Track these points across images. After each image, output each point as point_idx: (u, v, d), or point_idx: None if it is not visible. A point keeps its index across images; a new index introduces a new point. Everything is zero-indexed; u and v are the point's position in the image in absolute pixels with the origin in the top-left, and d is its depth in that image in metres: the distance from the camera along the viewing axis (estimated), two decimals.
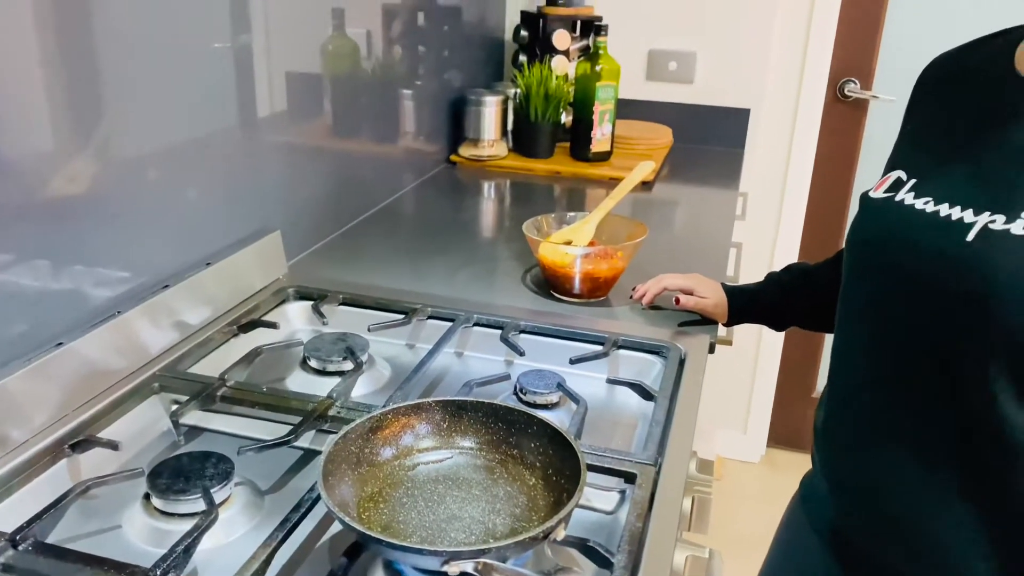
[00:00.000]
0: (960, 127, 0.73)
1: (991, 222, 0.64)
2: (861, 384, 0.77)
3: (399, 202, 1.60)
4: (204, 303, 1.02)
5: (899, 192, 0.74)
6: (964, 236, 0.65)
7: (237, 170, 1.12)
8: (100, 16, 0.85)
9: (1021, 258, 0.62)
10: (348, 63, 1.43)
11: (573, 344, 1.03)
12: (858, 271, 0.77)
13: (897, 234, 0.72)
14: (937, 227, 0.68)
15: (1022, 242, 0.62)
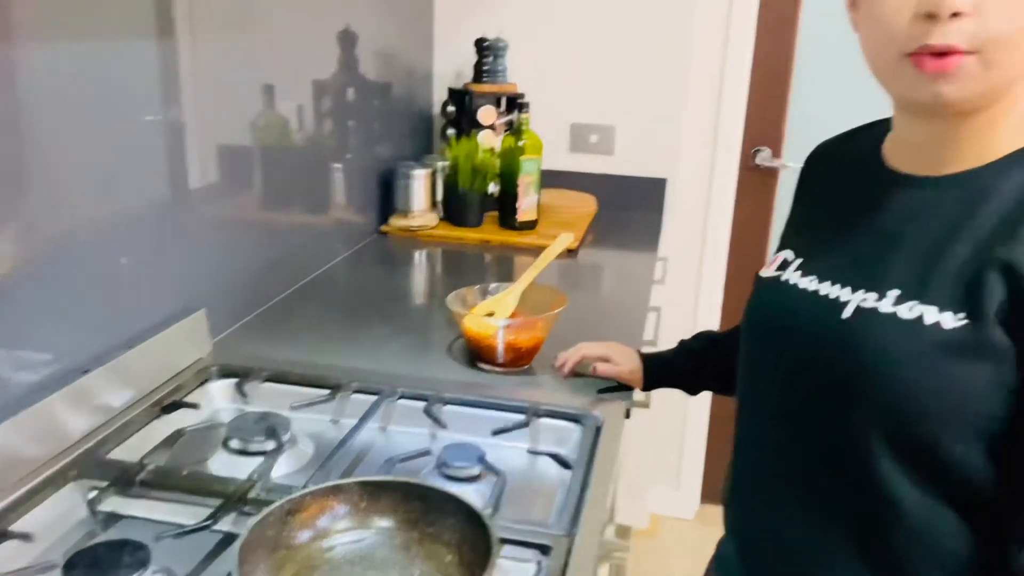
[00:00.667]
0: (839, 212, 0.79)
1: (863, 300, 0.70)
2: (759, 451, 0.82)
3: (329, 274, 1.62)
4: (126, 385, 1.02)
5: (787, 271, 0.80)
6: (840, 314, 0.71)
7: (165, 245, 1.14)
8: (27, 85, 0.86)
9: (887, 334, 0.67)
10: (278, 137, 1.46)
11: (496, 414, 1.06)
12: (752, 346, 0.83)
13: (784, 312, 0.78)
14: (818, 305, 0.74)
15: (889, 319, 0.68)
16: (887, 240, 0.72)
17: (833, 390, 0.71)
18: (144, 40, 1.05)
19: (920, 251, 0.69)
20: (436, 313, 1.44)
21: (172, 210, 1.15)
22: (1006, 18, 0.61)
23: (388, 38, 1.89)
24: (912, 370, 0.66)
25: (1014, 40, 0.62)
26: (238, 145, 1.33)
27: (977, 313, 0.64)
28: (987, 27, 0.61)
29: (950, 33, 0.62)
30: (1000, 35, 0.62)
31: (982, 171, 0.69)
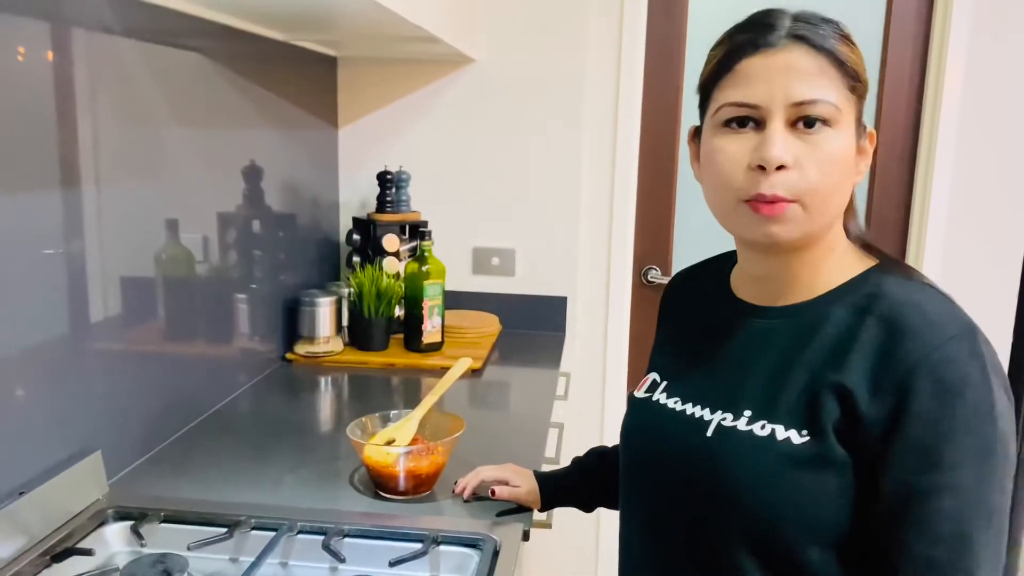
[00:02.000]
0: (696, 337, 0.89)
1: (723, 420, 0.79)
2: (638, 558, 0.88)
3: (232, 405, 1.63)
4: (16, 534, 1.00)
5: (655, 392, 0.89)
6: (704, 432, 0.79)
7: (60, 385, 1.14)
8: None
9: (744, 450, 0.76)
10: (182, 269, 1.49)
11: (395, 544, 1.08)
12: (627, 461, 0.91)
13: (655, 430, 0.86)
14: (684, 424, 0.82)
15: (746, 436, 0.76)
16: (738, 364, 0.82)
17: (700, 501, 0.79)
18: (47, 185, 1.09)
19: (766, 375, 0.78)
20: (340, 441, 1.46)
21: (69, 346, 1.15)
22: (820, 172, 0.73)
23: (293, 171, 1.97)
24: (768, 480, 0.74)
25: (827, 191, 0.74)
26: (141, 277, 1.35)
27: (817, 430, 0.73)
28: (805, 179, 0.73)
29: (776, 184, 0.73)
30: (816, 186, 0.74)
31: (812, 303, 0.80)
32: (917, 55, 2.23)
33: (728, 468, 0.76)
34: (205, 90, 1.53)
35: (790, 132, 0.74)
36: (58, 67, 1.10)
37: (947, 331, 0.71)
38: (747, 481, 0.75)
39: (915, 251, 2.30)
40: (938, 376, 0.69)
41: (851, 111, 0.75)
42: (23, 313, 1.06)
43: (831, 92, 0.73)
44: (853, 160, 0.76)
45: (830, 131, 0.74)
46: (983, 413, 0.69)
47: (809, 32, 0.74)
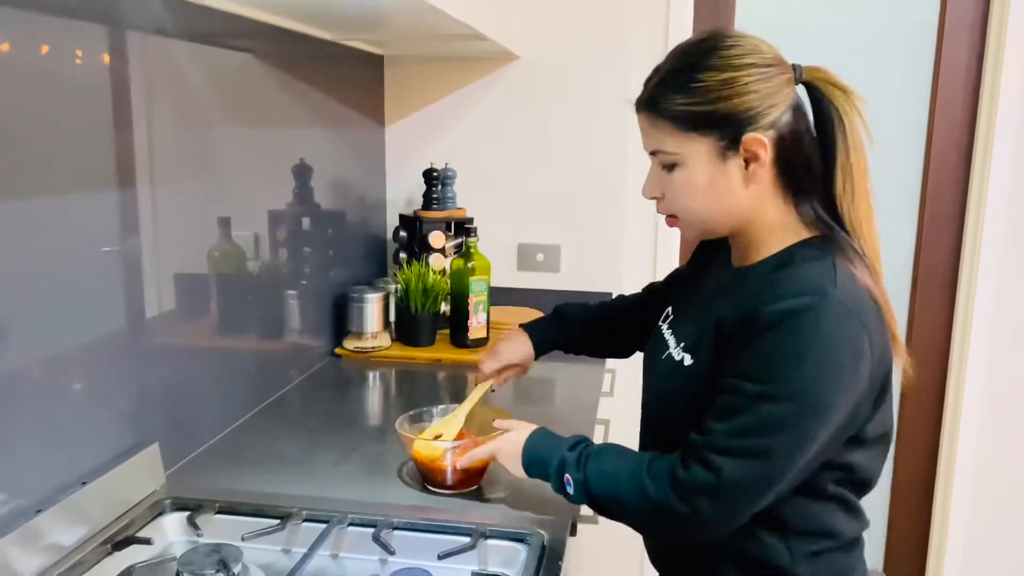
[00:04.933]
0: (697, 284, 1.13)
1: (674, 346, 1.05)
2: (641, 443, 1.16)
3: (284, 399, 1.66)
4: (78, 523, 1.04)
5: (664, 324, 1.14)
6: (661, 355, 1.08)
7: (119, 379, 1.17)
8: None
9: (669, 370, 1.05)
10: (234, 266, 1.53)
11: (444, 537, 1.09)
12: None
13: (649, 353, 1.14)
14: (657, 348, 1.10)
15: (672, 361, 1.05)
16: (701, 306, 1.06)
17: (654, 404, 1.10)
18: (105, 187, 1.13)
19: (699, 316, 1.04)
20: (389, 435, 1.48)
21: (127, 341, 1.19)
22: (673, 200, 0.99)
23: (341, 169, 2.00)
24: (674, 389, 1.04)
25: (694, 208, 0.98)
26: (194, 274, 1.39)
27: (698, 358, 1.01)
28: (671, 205, 1.00)
29: (658, 208, 1.03)
30: (681, 208, 0.99)
31: (749, 268, 1.01)
32: (974, 44, 2.16)
33: (660, 379, 1.08)
34: (256, 90, 1.56)
35: (661, 172, 0.99)
36: (114, 69, 1.14)
37: (796, 289, 0.90)
38: (658, 389, 1.09)
39: (971, 245, 2.24)
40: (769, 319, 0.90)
41: (697, 147, 0.94)
42: (83, 309, 1.09)
43: (667, 142, 0.96)
44: (713, 179, 0.95)
45: (681, 168, 0.96)
46: (791, 359, 0.89)
47: (648, 96, 0.97)
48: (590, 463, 1.02)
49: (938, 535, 2.43)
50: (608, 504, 1.01)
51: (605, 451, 1.04)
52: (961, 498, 2.37)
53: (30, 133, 0.98)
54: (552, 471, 1.05)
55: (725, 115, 0.92)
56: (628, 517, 1.01)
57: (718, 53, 0.93)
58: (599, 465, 1.01)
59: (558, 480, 1.05)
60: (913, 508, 2.48)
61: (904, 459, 2.45)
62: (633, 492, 0.97)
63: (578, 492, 1.03)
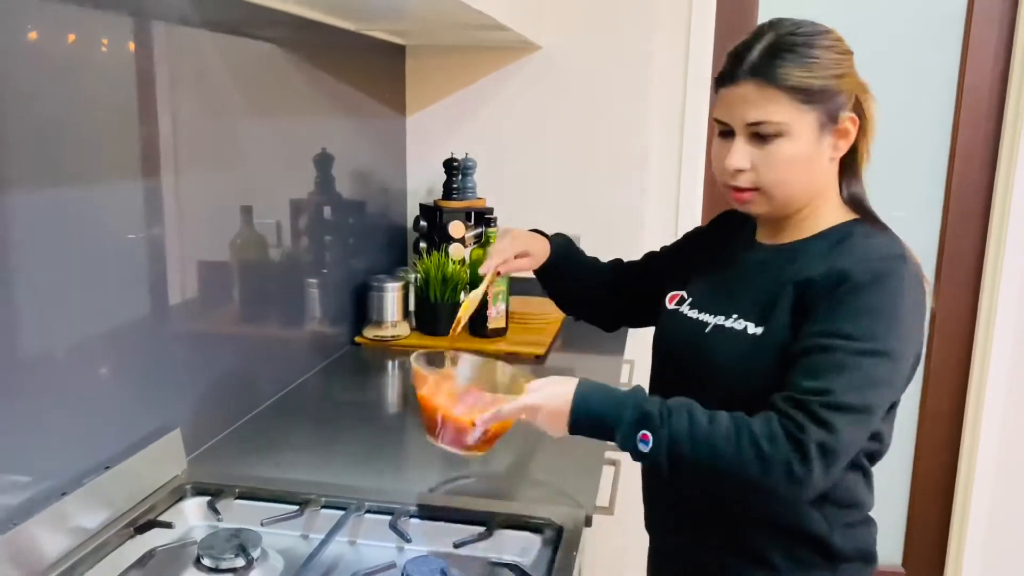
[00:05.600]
0: (721, 266, 1.14)
1: (718, 320, 1.06)
2: None
3: (304, 386, 1.68)
4: (101, 507, 1.06)
5: (682, 306, 1.15)
6: (704, 330, 1.07)
7: (141, 365, 1.19)
8: (7, 210, 0.93)
9: (724, 340, 1.04)
10: (256, 254, 1.54)
11: (460, 526, 1.10)
12: (657, 358, 1.18)
13: (676, 333, 1.13)
14: (695, 325, 1.09)
15: (728, 331, 1.04)
16: (740, 282, 1.08)
17: (696, 379, 1.05)
18: (129, 176, 1.14)
19: (752, 289, 1.05)
20: (407, 424, 1.49)
21: (150, 328, 1.21)
22: (770, 172, 0.99)
23: (362, 158, 2.01)
24: (737, 358, 1.02)
25: (781, 182, 1.00)
26: (216, 262, 1.40)
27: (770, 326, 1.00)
28: (760, 177, 1.00)
29: (737, 179, 1.01)
30: (770, 181, 1.00)
31: (797, 243, 1.05)
32: (1002, 36, 2.13)
33: (713, 352, 1.05)
34: (278, 80, 1.57)
35: (750, 142, 0.99)
36: (139, 59, 1.15)
37: (879, 254, 0.97)
38: (723, 364, 1.03)
39: (996, 237, 2.21)
40: (864, 279, 0.94)
41: (806, 119, 0.97)
42: (108, 296, 1.11)
43: (777, 112, 0.96)
44: (812, 152, 0.99)
45: (782, 140, 0.97)
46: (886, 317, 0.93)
47: (762, 66, 0.97)
48: (673, 419, 0.93)
49: (958, 529, 2.41)
50: (698, 462, 0.92)
51: (677, 407, 0.96)
52: (982, 491, 2.35)
53: (56, 122, 1.00)
54: (624, 425, 0.94)
55: (834, 92, 0.98)
56: (724, 476, 0.91)
57: (826, 36, 0.99)
58: (683, 422, 0.93)
59: (630, 436, 0.94)
60: (933, 501, 2.46)
61: (925, 451, 2.43)
62: (739, 451, 0.90)
63: (657, 450, 0.93)
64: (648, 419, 0.94)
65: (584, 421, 0.97)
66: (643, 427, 0.94)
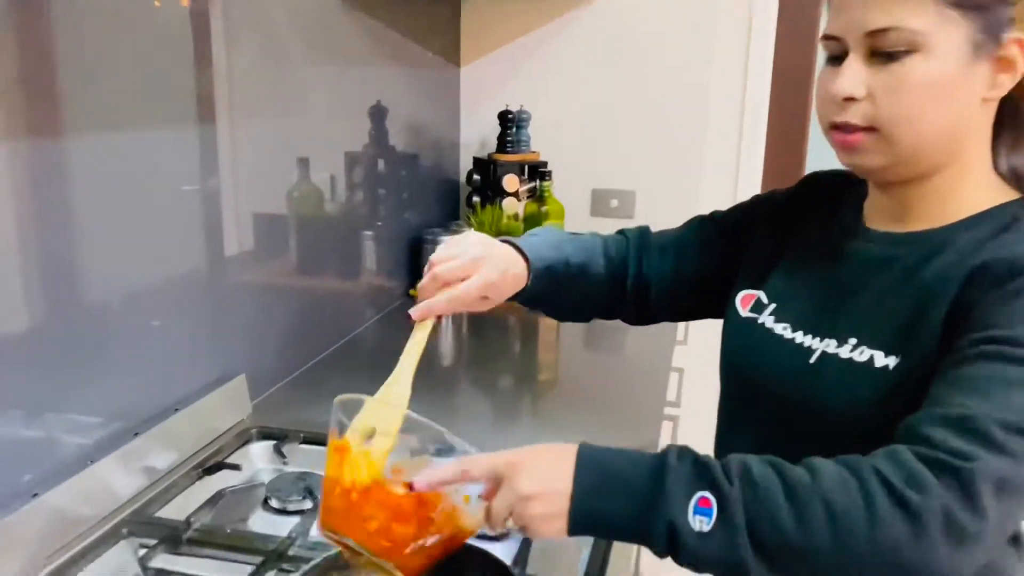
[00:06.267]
0: (815, 259, 0.85)
1: (827, 347, 0.77)
2: None
3: (360, 337, 1.69)
4: (171, 448, 1.08)
5: (762, 314, 0.86)
6: (808, 359, 0.78)
7: (205, 313, 1.20)
8: (69, 160, 0.93)
9: (841, 377, 0.75)
10: (312, 207, 1.54)
11: None
12: (730, 380, 0.89)
13: (758, 355, 0.85)
14: (790, 352, 0.80)
15: (845, 364, 0.75)
16: (852, 290, 0.79)
17: (795, 424, 0.78)
18: (185, 124, 1.14)
19: (876, 300, 0.76)
20: (458, 376, 1.49)
21: (212, 278, 1.22)
22: (893, 102, 0.71)
23: (417, 110, 1.99)
24: (864, 399, 0.73)
25: (907, 119, 0.71)
26: (274, 214, 1.41)
27: (913, 351, 0.71)
28: (879, 109, 0.72)
29: (847, 113, 0.73)
30: (892, 116, 0.71)
31: (939, 231, 0.76)
32: None
33: (824, 394, 0.76)
34: (334, 29, 1.56)
35: (869, 63, 0.72)
36: (195, 6, 1.14)
37: None
38: (840, 406, 0.74)
39: None
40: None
41: (954, 31, 0.69)
42: (172, 245, 1.12)
43: (915, 17, 0.69)
44: (957, 81, 0.71)
45: (917, 57, 0.70)
46: None
47: None
48: (754, 471, 0.63)
49: None
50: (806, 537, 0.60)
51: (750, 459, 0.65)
52: None
53: (113, 69, 1.00)
54: (669, 487, 0.62)
55: (998, 1, 0.70)
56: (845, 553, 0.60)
57: None
58: (766, 475, 0.63)
59: (678, 503, 0.62)
60: None
61: None
62: (868, 509, 0.59)
63: (728, 524, 0.61)
64: (708, 472, 0.63)
65: (595, 483, 0.64)
66: (700, 486, 0.62)
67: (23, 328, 0.89)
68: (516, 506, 0.65)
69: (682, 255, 1.00)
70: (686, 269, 0.99)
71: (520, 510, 0.65)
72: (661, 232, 1.03)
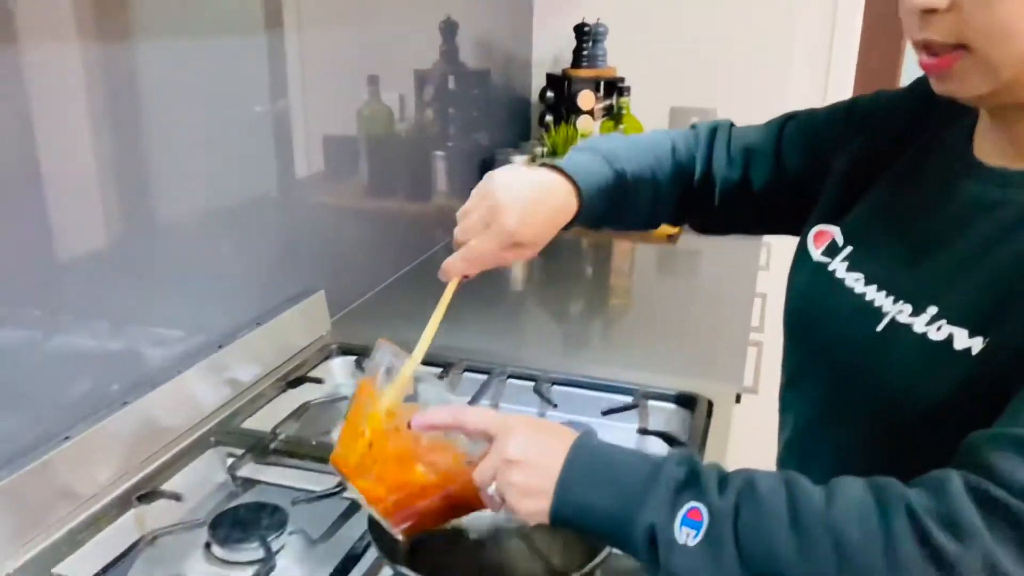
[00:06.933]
0: (907, 196, 0.70)
1: (899, 313, 0.63)
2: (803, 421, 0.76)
3: (435, 257, 1.66)
4: (254, 361, 1.08)
5: (834, 259, 0.72)
6: (875, 325, 0.65)
7: (281, 231, 1.19)
8: (145, 83, 0.91)
9: (909, 356, 0.61)
10: (382, 126, 1.51)
11: (604, 395, 1.07)
12: (792, 328, 0.77)
13: (822, 306, 0.72)
14: (858, 311, 0.67)
15: (917, 340, 0.61)
16: (942, 239, 0.64)
17: (861, 392, 0.66)
18: (253, 34, 1.10)
19: (974, 259, 0.61)
20: (538, 296, 1.46)
21: (286, 198, 1.20)
22: (984, 13, 0.55)
23: (488, 26, 1.92)
24: (934, 390, 0.59)
25: (1001, 33, 0.55)
26: (344, 135, 1.38)
27: (1003, 338, 0.56)
28: (966, 23, 0.56)
29: (927, 28, 0.58)
30: (984, 28, 0.55)
31: None
32: None
33: (887, 369, 0.63)
34: None
35: None
36: None
37: None
38: (901, 385, 0.61)
39: None
40: None
41: None
42: (247, 164, 1.11)
43: None
44: None
45: None
46: None
47: None
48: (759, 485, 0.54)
49: None
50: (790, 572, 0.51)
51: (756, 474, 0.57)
52: None
53: None
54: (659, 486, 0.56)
55: None
56: None
57: None
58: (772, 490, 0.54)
59: (665, 506, 0.55)
60: None
61: None
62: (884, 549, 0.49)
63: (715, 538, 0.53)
64: (702, 481, 0.55)
65: (585, 469, 0.58)
66: (693, 495, 0.54)
67: (107, 243, 0.88)
68: (500, 469, 0.60)
69: (754, 161, 0.85)
70: (755, 178, 0.84)
71: (503, 475, 0.60)
72: (740, 130, 0.89)
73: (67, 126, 0.82)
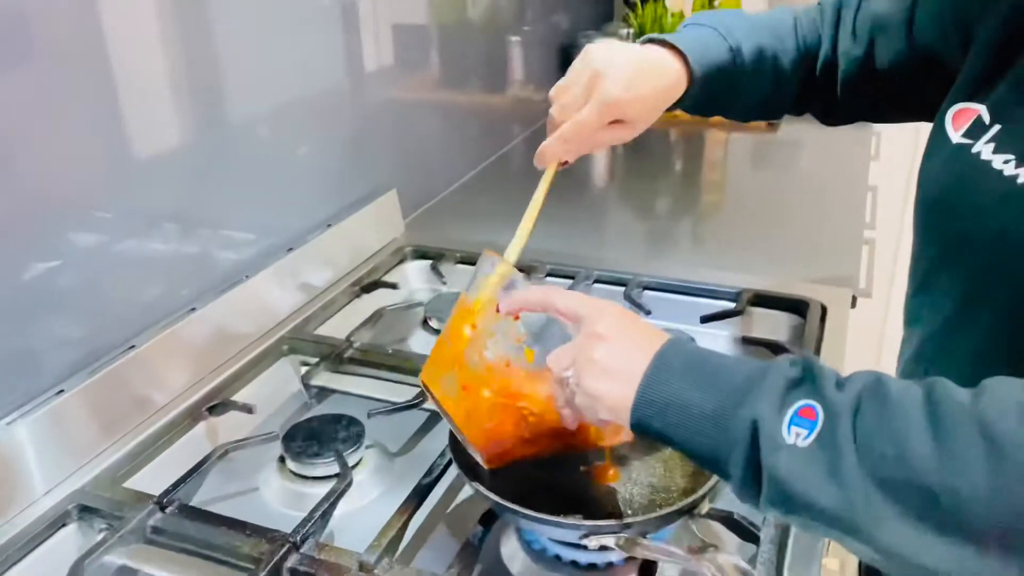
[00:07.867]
0: None
1: None
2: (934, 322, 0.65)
3: (508, 155, 1.57)
4: (326, 265, 1.02)
5: (978, 141, 0.60)
6: (1011, 185, 0.54)
7: (349, 129, 1.11)
8: None
9: None
10: (453, 12, 1.39)
11: (702, 301, 0.98)
12: (924, 220, 0.66)
13: (972, 197, 0.59)
14: (1008, 197, 0.56)
15: None
16: None
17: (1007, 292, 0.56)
18: None
19: None
20: (623, 196, 1.35)
21: (354, 94, 1.11)
22: None
23: None
24: None
25: None
26: (414, 23, 1.27)
27: None
28: None
29: None
30: None
31: None
32: None
33: None
34: None
35: None
36: None
37: None
38: None
39: None
40: None
41: None
42: (313, 60, 1.02)
43: None
44: None
45: None
46: None
47: None
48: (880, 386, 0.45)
49: None
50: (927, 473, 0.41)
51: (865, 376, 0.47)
52: None
53: None
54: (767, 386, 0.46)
55: None
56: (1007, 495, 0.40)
57: None
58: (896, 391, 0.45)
59: (775, 407, 0.46)
60: None
61: None
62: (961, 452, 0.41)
63: (830, 435, 0.44)
64: (814, 378, 0.46)
65: (682, 362, 0.50)
66: (807, 393, 0.46)
67: (173, 145, 0.82)
68: (583, 347, 0.53)
69: (883, 34, 0.73)
70: (883, 54, 0.73)
71: (585, 351, 0.53)
72: (870, 1, 0.76)
73: (136, 24, 0.76)
